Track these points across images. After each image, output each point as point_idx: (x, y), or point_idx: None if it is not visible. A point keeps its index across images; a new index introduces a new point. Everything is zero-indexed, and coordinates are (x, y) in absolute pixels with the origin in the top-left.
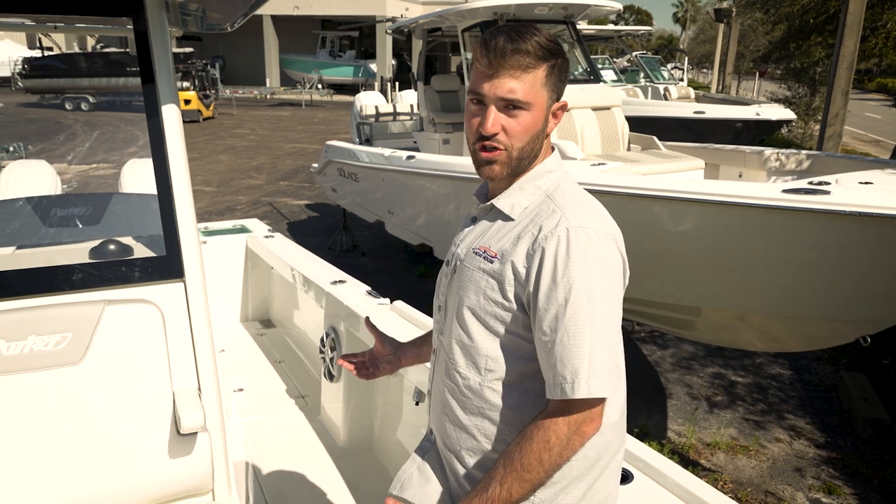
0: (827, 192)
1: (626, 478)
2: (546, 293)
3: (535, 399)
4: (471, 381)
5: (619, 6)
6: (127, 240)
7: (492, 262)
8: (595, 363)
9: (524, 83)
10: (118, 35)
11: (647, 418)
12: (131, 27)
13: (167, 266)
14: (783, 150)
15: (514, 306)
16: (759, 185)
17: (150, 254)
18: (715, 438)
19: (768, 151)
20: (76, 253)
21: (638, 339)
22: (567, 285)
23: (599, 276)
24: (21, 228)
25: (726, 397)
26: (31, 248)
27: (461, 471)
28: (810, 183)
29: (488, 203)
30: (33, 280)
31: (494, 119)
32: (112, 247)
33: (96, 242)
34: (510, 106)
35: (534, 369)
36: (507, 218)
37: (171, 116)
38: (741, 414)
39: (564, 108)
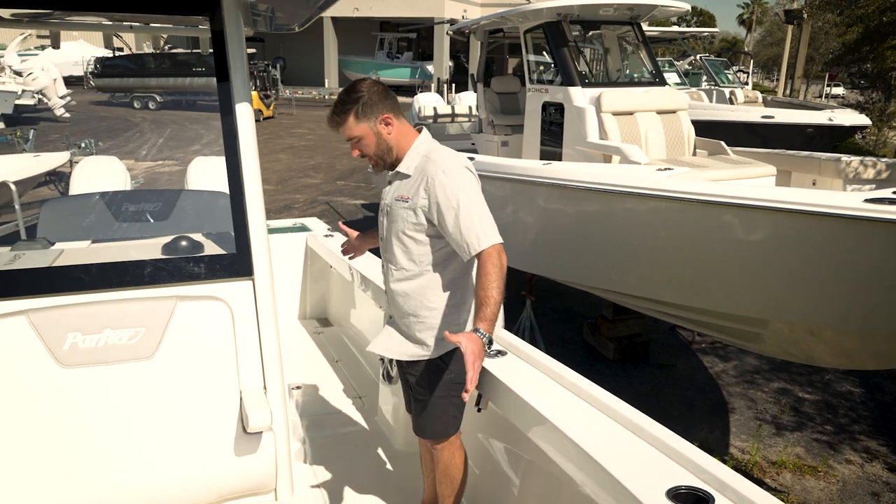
0: None
1: (706, 501)
2: (444, 205)
3: (444, 270)
4: (412, 270)
5: (687, 6)
6: (197, 236)
7: (406, 202)
8: (485, 228)
9: (346, 129)
10: (187, 35)
11: (708, 433)
12: (207, 27)
13: (237, 264)
14: (861, 158)
15: (425, 221)
16: (840, 194)
17: (220, 251)
18: (781, 457)
19: (845, 158)
20: (149, 248)
21: (698, 349)
22: (455, 197)
23: (467, 186)
24: (95, 223)
25: (793, 414)
26: (105, 242)
27: (412, 321)
28: (895, 192)
29: (395, 171)
30: (109, 274)
31: (352, 149)
32: (184, 243)
33: (168, 238)
34: (353, 141)
35: (442, 255)
36: (406, 176)
37: (244, 115)
38: (809, 432)
39: (386, 119)
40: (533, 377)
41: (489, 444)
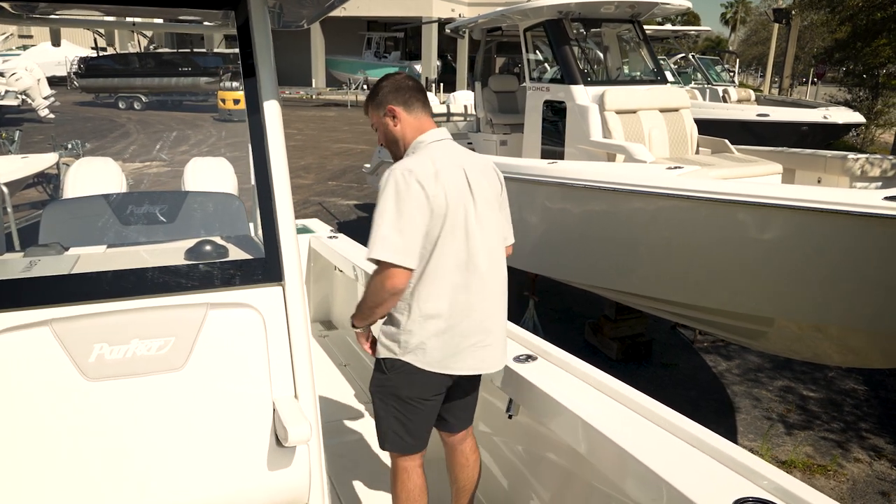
0: None
1: None
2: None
3: None
4: None
5: (688, 4)
6: (217, 240)
7: None
8: (374, 238)
9: (369, 117)
10: (195, 33)
11: (714, 433)
12: (219, 22)
13: (268, 269)
14: (867, 156)
15: None
16: (857, 191)
17: (245, 255)
18: (791, 457)
19: (851, 156)
20: (170, 253)
21: (700, 348)
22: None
23: (387, 193)
24: (104, 226)
25: (799, 413)
26: (120, 246)
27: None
28: None
29: None
30: (135, 281)
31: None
32: (208, 248)
33: (191, 243)
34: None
35: None
36: None
37: (272, 112)
38: (815, 431)
39: (392, 111)
40: (568, 382)
41: (520, 453)
